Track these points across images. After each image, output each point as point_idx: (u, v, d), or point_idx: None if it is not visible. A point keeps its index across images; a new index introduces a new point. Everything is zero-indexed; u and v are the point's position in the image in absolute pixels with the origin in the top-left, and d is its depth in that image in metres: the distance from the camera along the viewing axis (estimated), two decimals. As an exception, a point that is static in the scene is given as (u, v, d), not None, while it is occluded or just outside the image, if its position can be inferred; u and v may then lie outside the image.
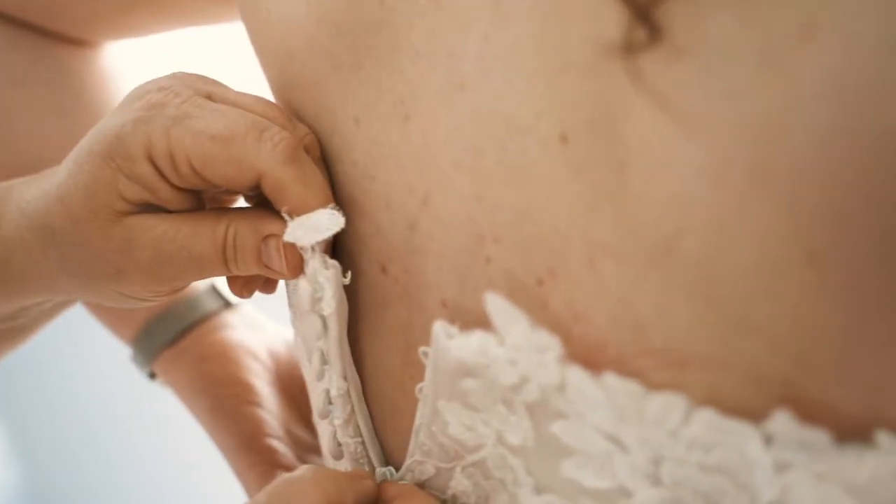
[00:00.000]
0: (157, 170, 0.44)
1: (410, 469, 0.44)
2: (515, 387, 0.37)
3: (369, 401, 0.46)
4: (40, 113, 0.65)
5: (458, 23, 0.39)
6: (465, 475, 0.42)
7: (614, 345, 0.36)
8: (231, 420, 0.61)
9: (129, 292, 0.47)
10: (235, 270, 0.45)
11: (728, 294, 0.33)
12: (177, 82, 0.46)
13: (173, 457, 1.39)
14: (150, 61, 0.72)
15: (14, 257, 0.47)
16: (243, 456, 0.60)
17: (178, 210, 0.45)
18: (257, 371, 0.63)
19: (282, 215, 0.43)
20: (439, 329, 0.39)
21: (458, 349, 0.38)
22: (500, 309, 0.38)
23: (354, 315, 0.46)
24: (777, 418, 0.33)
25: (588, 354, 0.36)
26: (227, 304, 0.66)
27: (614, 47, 0.34)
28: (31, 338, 0.58)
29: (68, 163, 0.46)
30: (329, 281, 0.43)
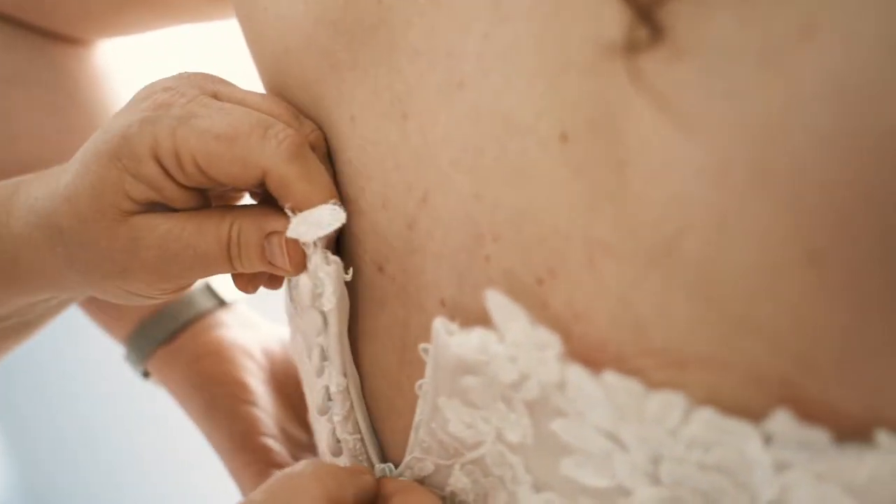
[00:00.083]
0: (164, 169, 0.44)
1: (409, 466, 0.44)
2: (515, 384, 0.38)
3: (367, 399, 0.46)
4: (33, 112, 0.65)
5: (457, 21, 0.39)
6: (464, 472, 0.42)
7: (614, 344, 0.36)
8: (225, 419, 0.61)
9: (136, 290, 0.48)
10: (240, 267, 0.45)
11: (728, 294, 0.33)
12: (183, 82, 0.46)
13: (171, 456, 1.39)
14: (144, 59, 0.72)
15: (22, 254, 0.48)
16: (238, 455, 0.60)
17: (184, 209, 0.46)
18: (252, 370, 0.63)
19: (286, 212, 0.43)
20: (439, 326, 0.39)
21: (459, 346, 0.38)
22: (501, 306, 0.38)
23: (352, 314, 0.46)
24: (777, 418, 0.33)
25: (588, 353, 0.36)
26: (221, 303, 0.66)
27: (615, 47, 0.34)
28: (36, 333, 0.58)
29: (75, 162, 0.46)
30: (330, 277, 0.43)
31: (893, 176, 0.31)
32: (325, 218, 0.43)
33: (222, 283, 0.67)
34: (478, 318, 0.39)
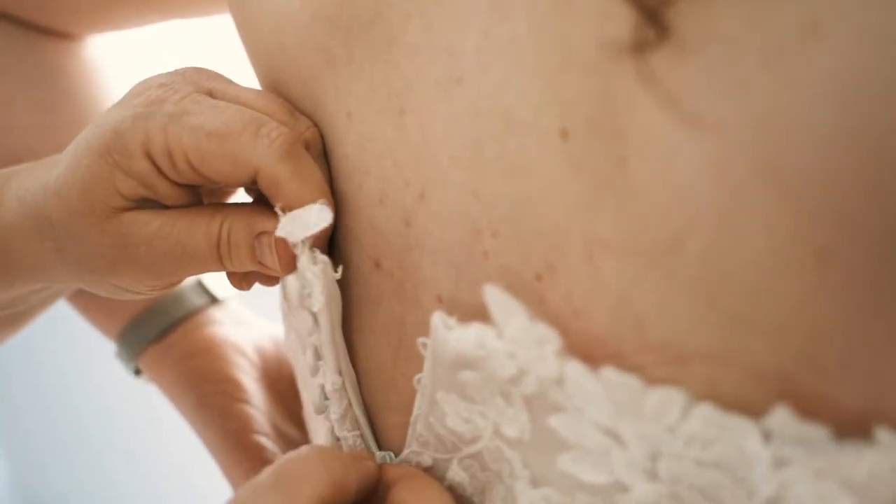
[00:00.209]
0: (155, 166, 0.44)
1: (407, 460, 0.44)
2: (513, 379, 0.38)
3: (363, 395, 0.46)
4: (23, 106, 0.65)
5: (456, 17, 0.39)
6: (462, 467, 0.42)
7: (614, 340, 0.36)
8: (218, 417, 0.61)
9: (125, 286, 0.48)
10: (230, 266, 0.45)
11: (731, 291, 0.34)
12: (178, 79, 0.46)
13: (166, 454, 1.39)
14: (136, 55, 0.72)
15: (12, 245, 0.48)
16: (230, 453, 0.60)
17: (175, 206, 0.46)
18: (244, 367, 0.63)
19: (277, 212, 0.43)
20: (438, 320, 0.39)
21: (457, 341, 0.38)
22: (499, 301, 0.38)
23: (347, 311, 0.46)
24: (776, 414, 0.34)
25: (587, 349, 0.36)
26: (213, 300, 0.66)
27: (620, 45, 0.34)
28: (27, 325, 0.58)
29: (67, 156, 0.46)
30: (317, 277, 0.43)
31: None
32: (312, 218, 0.43)
33: (214, 280, 0.66)
34: (475, 313, 0.39)
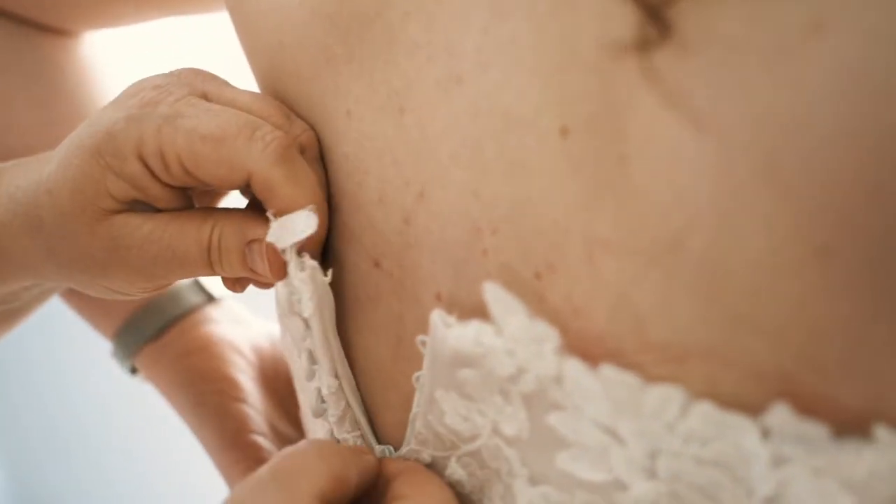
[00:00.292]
0: (148, 168, 0.44)
1: (406, 458, 0.44)
2: (512, 377, 0.38)
3: (363, 395, 0.46)
4: (18, 103, 0.65)
5: (456, 16, 0.39)
6: (461, 465, 0.42)
7: (613, 339, 0.36)
8: (215, 416, 0.61)
9: (115, 287, 0.48)
10: (220, 272, 0.46)
11: (731, 290, 0.34)
12: (173, 80, 0.46)
13: (163, 453, 1.39)
14: (132, 52, 0.72)
15: (2, 241, 0.48)
16: (227, 452, 0.60)
17: (166, 208, 0.46)
18: (241, 366, 0.63)
19: (269, 218, 0.43)
20: (437, 318, 0.39)
21: (456, 338, 0.39)
22: (498, 299, 0.38)
23: (346, 310, 0.46)
24: (775, 412, 0.34)
25: (586, 348, 0.36)
26: (210, 299, 0.66)
27: (621, 44, 0.34)
28: (21, 322, 0.58)
29: (58, 154, 0.46)
30: (304, 283, 0.43)
31: None
32: (299, 224, 0.43)
33: (210, 279, 0.67)
34: (475, 311, 0.39)
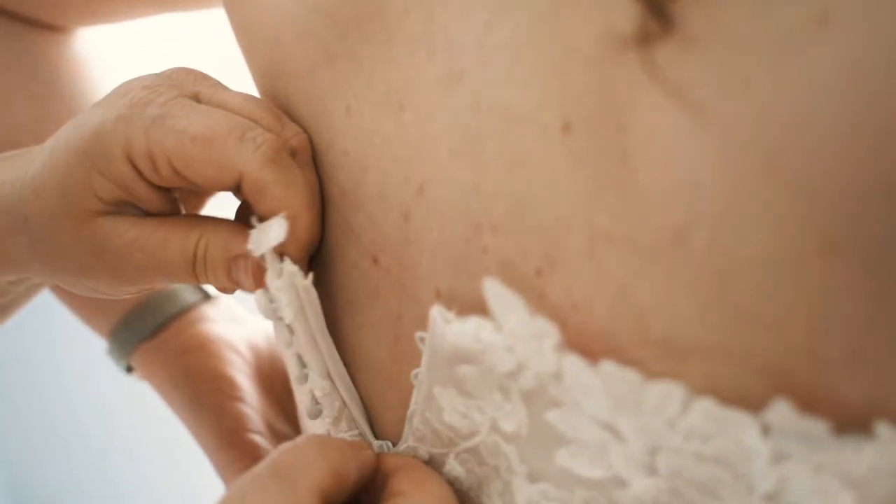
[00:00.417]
0: (136, 169, 0.44)
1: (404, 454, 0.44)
2: (512, 374, 0.38)
3: (361, 393, 0.46)
4: (11, 99, 0.65)
5: (457, 12, 0.39)
6: (459, 461, 0.42)
7: (613, 334, 0.36)
8: (212, 415, 0.61)
9: (98, 288, 0.48)
10: (205, 281, 0.46)
11: (736, 285, 0.34)
12: (163, 81, 0.46)
13: (163, 453, 1.39)
14: (126, 48, 0.72)
15: None
16: (225, 451, 0.60)
17: (153, 210, 0.46)
18: (238, 365, 0.64)
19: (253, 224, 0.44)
20: (436, 314, 0.40)
21: (455, 335, 0.39)
22: (498, 295, 0.38)
23: (344, 308, 0.46)
24: (776, 408, 0.34)
25: (586, 344, 0.37)
26: (206, 297, 0.66)
27: (624, 38, 0.35)
28: (10, 317, 0.58)
29: (45, 152, 0.46)
30: (281, 290, 0.44)
31: None
32: (272, 232, 0.43)
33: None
34: (474, 308, 0.39)
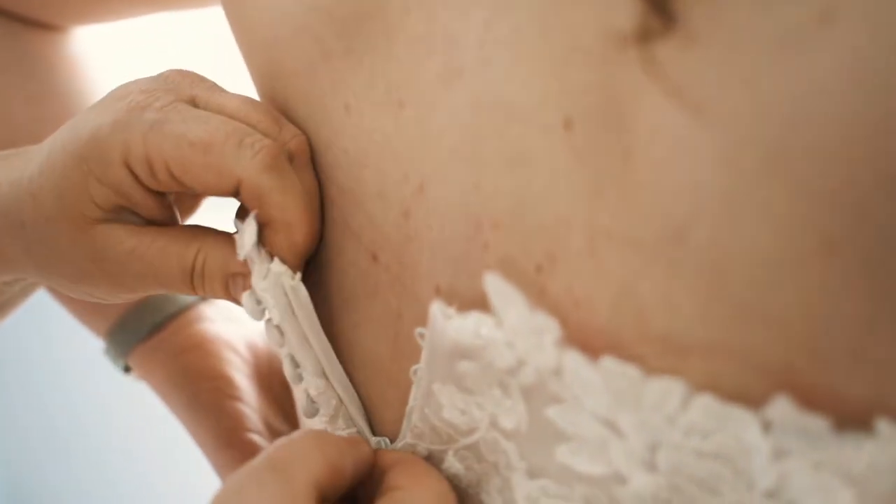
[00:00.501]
0: (133, 174, 0.44)
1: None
2: (512, 370, 0.38)
3: (359, 391, 0.46)
4: (7, 99, 0.65)
5: (457, 9, 0.39)
6: (458, 458, 0.43)
7: (614, 331, 0.36)
8: (210, 414, 0.61)
9: (95, 294, 0.48)
10: (202, 293, 0.47)
11: (737, 282, 0.34)
12: (160, 84, 0.46)
13: (162, 452, 1.39)
14: (123, 48, 0.72)
15: None
16: (223, 451, 0.60)
17: (149, 216, 0.46)
18: (236, 364, 0.64)
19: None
20: (437, 310, 0.40)
21: (456, 330, 0.39)
22: (499, 290, 0.38)
23: (343, 306, 0.46)
24: (776, 404, 0.34)
25: (586, 340, 0.37)
26: (204, 297, 0.66)
27: (625, 34, 0.35)
28: (7, 316, 0.58)
29: (42, 154, 0.46)
30: (267, 291, 0.44)
31: None
32: (247, 234, 0.44)
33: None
34: (474, 306, 0.39)
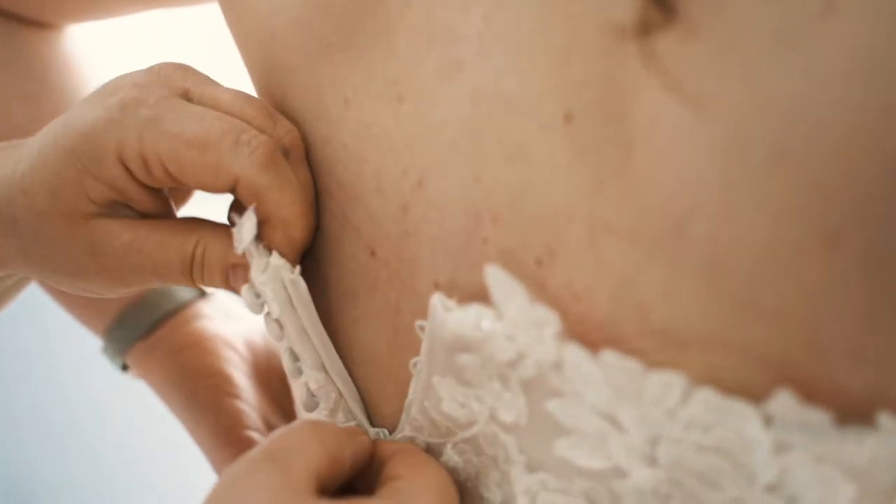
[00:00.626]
0: (128, 170, 0.44)
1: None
2: (512, 363, 0.38)
3: (359, 385, 0.47)
4: (2, 98, 0.65)
5: (456, 2, 0.39)
6: (456, 451, 0.43)
7: (614, 324, 0.36)
8: (209, 412, 0.61)
9: (92, 289, 0.48)
10: (200, 284, 0.47)
11: (737, 275, 0.34)
12: (153, 79, 0.46)
13: (158, 448, 1.40)
14: (118, 45, 0.72)
15: None
16: (222, 449, 0.60)
17: (145, 210, 0.46)
18: (235, 362, 0.64)
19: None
20: (437, 302, 0.40)
21: (456, 323, 0.39)
22: (500, 282, 0.38)
23: (342, 301, 0.46)
24: (778, 398, 0.34)
25: (587, 333, 0.37)
26: (201, 294, 0.66)
27: (625, 27, 0.35)
28: (1, 311, 0.57)
29: (33, 150, 0.46)
30: (266, 284, 0.44)
31: None
32: (245, 228, 0.44)
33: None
34: (473, 299, 0.39)
